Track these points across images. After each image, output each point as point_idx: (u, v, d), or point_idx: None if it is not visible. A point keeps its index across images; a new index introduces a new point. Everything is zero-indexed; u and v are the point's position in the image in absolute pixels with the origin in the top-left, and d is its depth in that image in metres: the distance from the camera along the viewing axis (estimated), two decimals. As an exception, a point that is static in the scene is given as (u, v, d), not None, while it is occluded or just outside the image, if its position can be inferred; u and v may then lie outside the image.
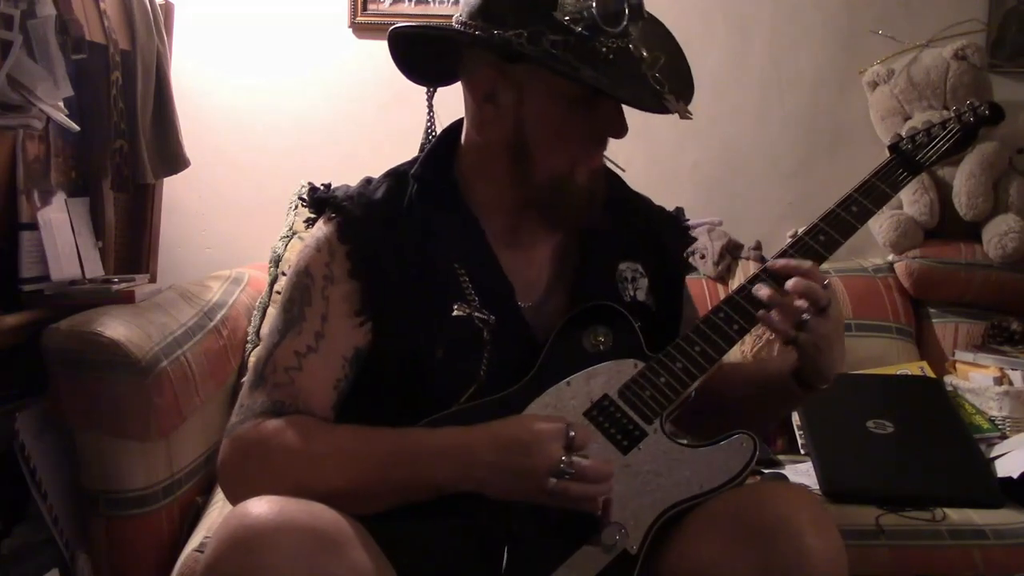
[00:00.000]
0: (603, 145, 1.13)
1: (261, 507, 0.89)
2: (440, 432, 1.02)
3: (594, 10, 1.01)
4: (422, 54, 1.17)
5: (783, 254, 1.14)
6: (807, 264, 1.10)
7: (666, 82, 1.08)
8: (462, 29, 1.08)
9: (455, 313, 1.10)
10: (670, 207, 1.35)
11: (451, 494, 1.00)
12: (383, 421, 1.04)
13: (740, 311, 1.11)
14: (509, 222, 1.16)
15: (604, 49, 1.03)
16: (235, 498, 1.01)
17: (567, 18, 1.02)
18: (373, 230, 1.11)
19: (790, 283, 1.08)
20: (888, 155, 1.22)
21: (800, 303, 1.07)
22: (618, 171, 1.22)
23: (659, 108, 1.06)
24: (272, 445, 1.01)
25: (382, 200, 1.15)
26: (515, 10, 1.04)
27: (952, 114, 1.24)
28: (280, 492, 0.94)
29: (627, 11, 1.04)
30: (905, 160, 1.21)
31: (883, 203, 1.18)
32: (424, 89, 1.24)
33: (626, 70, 1.05)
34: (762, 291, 1.10)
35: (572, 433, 0.99)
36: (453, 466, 0.99)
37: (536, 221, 1.16)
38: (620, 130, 1.10)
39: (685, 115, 1.08)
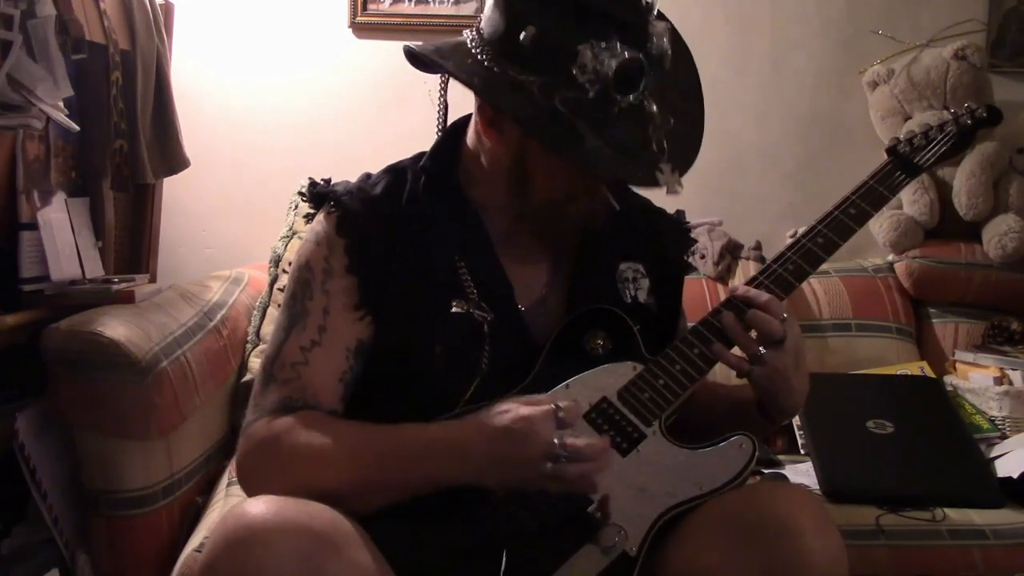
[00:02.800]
0: (603, 183, 1.12)
1: (258, 507, 0.89)
2: (432, 427, 1.02)
3: (611, 75, 0.98)
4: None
5: (781, 256, 1.15)
6: (764, 297, 1.10)
7: (669, 144, 1.05)
8: (472, 73, 1.05)
9: (454, 309, 1.10)
10: (670, 207, 1.35)
11: (451, 490, 0.99)
12: (385, 417, 1.04)
13: (741, 314, 1.11)
14: (509, 222, 1.17)
15: (616, 109, 1.01)
16: (253, 494, 1.01)
17: (583, 78, 0.99)
18: (372, 225, 1.12)
19: (748, 315, 1.09)
20: (886, 158, 1.22)
21: (753, 335, 1.08)
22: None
23: (652, 182, 1.04)
24: (281, 443, 1.02)
25: (381, 195, 1.15)
26: (535, 54, 1.01)
27: (950, 117, 1.24)
28: (290, 489, 0.95)
29: (644, 70, 1.01)
30: (903, 163, 1.21)
31: (881, 206, 1.19)
32: (425, 88, 1.24)
33: (629, 135, 1.03)
34: (726, 319, 1.10)
35: (560, 410, 0.98)
36: (448, 460, 0.99)
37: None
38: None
39: (673, 190, 1.05)
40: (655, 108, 1.04)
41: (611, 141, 1.02)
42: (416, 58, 1.13)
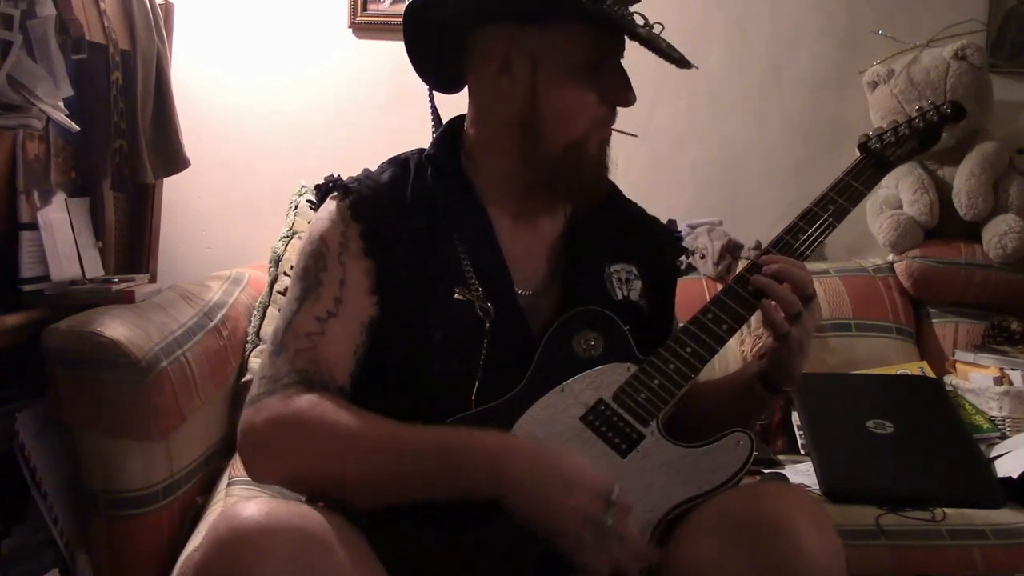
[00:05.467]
0: (613, 113, 1.15)
1: (250, 510, 0.88)
2: (479, 433, 0.99)
3: None
4: (430, 43, 1.19)
5: (764, 252, 1.16)
6: (796, 263, 1.14)
7: (666, 46, 1.12)
8: None
9: (456, 297, 1.10)
10: (670, 207, 1.37)
11: (473, 500, 0.97)
12: (385, 403, 1.03)
13: (728, 311, 1.12)
14: (514, 208, 1.18)
15: (612, 13, 1.06)
16: (260, 468, 1.01)
17: None
18: (383, 211, 1.12)
19: (775, 267, 1.11)
20: (858, 154, 1.25)
21: (788, 288, 1.10)
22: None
23: (669, 53, 1.11)
24: (305, 419, 0.99)
25: (388, 184, 1.16)
26: None
27: (917, 113, 1.27)
28: (309, 467, 0.96)
29: None
30: (875, 158, 1.24)
31: (859, 201, 1.21)
32: (425, 89, 1.25)
33: (639, 28, 1.09)
34: (761, 280, 1.12)
35: (616, 495, 0.95)
36: (482, 471, 0.96)
37: (541, 207, 1.19)
38: (628, 96, 1.13)
39: (695, 65, 1.14)
40: (647, 22, 1.11)
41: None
42: (411, 34, 1.16)
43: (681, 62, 1.14)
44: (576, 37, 1.09)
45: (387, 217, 1.12)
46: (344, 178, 1.18)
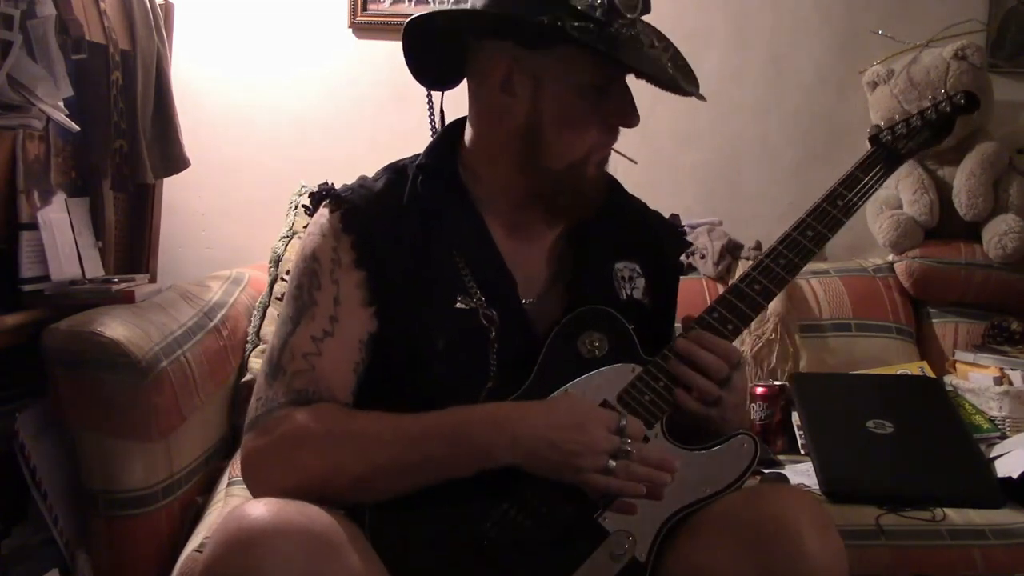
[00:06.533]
0: (615, 133, 1.13)
1: (259, 510, 0.89)
2: (487, 405, 1.04)
3: None
4: (430, 51, 1.17)
5: (772, 250, 1.15)
6: (706, 343, 1.09)
7: (674, 69, 1.10)
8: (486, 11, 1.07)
9: (458, 305, 1.10)
10: (671, 207, 1.35)
11: (457, 492, 0.99)
12: (387, 411, 1.03)
13: (735, 311, 1.11)
14: (511, 217, 1.17)
15: (620, 39, 1.04)
16: (269, 485, 1.00)
17: (584, 5, 1.02)
18: (376, 220, 1.11)
19: (699, 357, 1.08)
20: (869, 147, 1.23)
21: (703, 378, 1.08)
22: (630, 163, 1.21)
23: (676, 85, 1.08)
24: (311, 430, 1.00)
25: (383, 192, 1.15)
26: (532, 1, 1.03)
27: (930, 104, 1.24)
28: (322, 474, 0.97)
29: None
30: (886, 151, 1.21)
31: (868, 196, 1.18)
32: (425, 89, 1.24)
33: (643, 54, 1.07)
34: (678, 368, 1.09)
35: (624, 422, 1.00)
36: (501, 434, 0.99)
37: (539, 216, 1.17)
38: (632, 118, 1.11)
39: (700, 96, 1.11)
40: (655, 42, 1.10)
41: (631, 58, 1.06)
42: (411, 42, 1.14)
43: (687, 92, 1.11)
44: (580, 62, 1.06)
45: (380, 225, 1.11)
46: (338, 186, 1.17)
